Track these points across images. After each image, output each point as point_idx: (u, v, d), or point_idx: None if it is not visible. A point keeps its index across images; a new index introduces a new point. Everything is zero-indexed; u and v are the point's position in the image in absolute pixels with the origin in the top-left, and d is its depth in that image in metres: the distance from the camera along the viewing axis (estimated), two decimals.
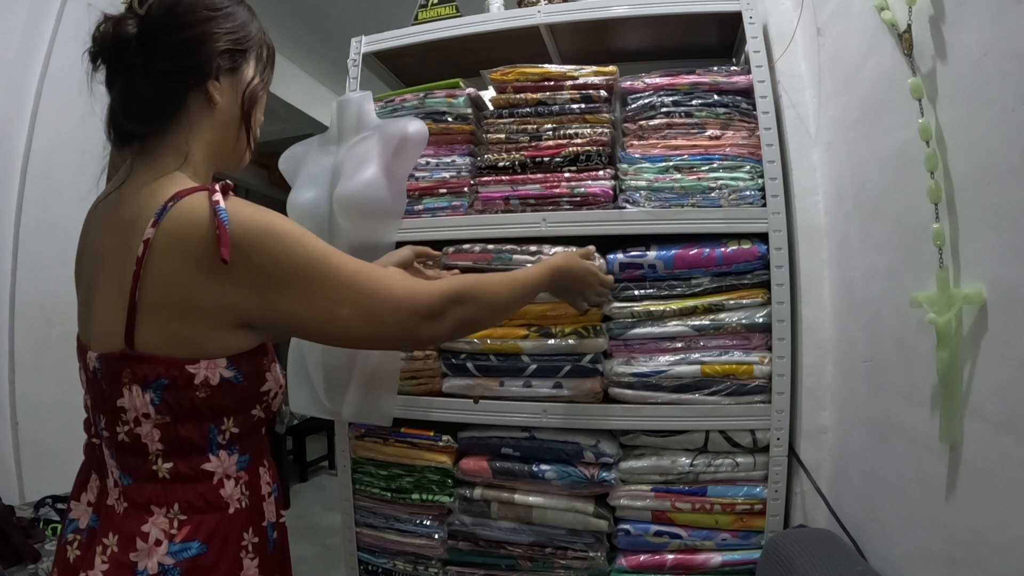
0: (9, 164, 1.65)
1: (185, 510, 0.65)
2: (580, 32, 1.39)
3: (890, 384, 0.90)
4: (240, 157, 0.79)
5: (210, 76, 0.70)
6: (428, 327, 0.74)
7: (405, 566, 1.35)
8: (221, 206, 0.62)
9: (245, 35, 0.74)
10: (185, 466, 0.66)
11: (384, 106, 1.38)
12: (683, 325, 1.18)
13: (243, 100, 0.75)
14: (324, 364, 1.26)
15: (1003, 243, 0.63)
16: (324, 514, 3.43)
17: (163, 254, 0.63)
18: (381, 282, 0.71)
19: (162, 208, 0.63)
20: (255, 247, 0.63)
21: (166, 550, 0.63)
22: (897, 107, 0.85)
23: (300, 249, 0.66)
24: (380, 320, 0.71)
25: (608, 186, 1.23)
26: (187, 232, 0.62)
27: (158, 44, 0.67)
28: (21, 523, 1.34)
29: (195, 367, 0.64)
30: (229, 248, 0.61)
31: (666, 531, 1.19)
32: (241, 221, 0.63)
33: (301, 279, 0.66)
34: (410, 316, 0.72)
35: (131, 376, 0.64)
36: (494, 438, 1.27)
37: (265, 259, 0.64)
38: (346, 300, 0.68)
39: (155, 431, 0.65)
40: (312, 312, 0.68)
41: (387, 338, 0.76)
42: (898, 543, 0.87)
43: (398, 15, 1.62)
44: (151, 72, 0.67)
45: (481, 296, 0.81)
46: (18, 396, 1.62)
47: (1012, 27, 0.61)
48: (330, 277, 0.68)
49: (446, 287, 0.76)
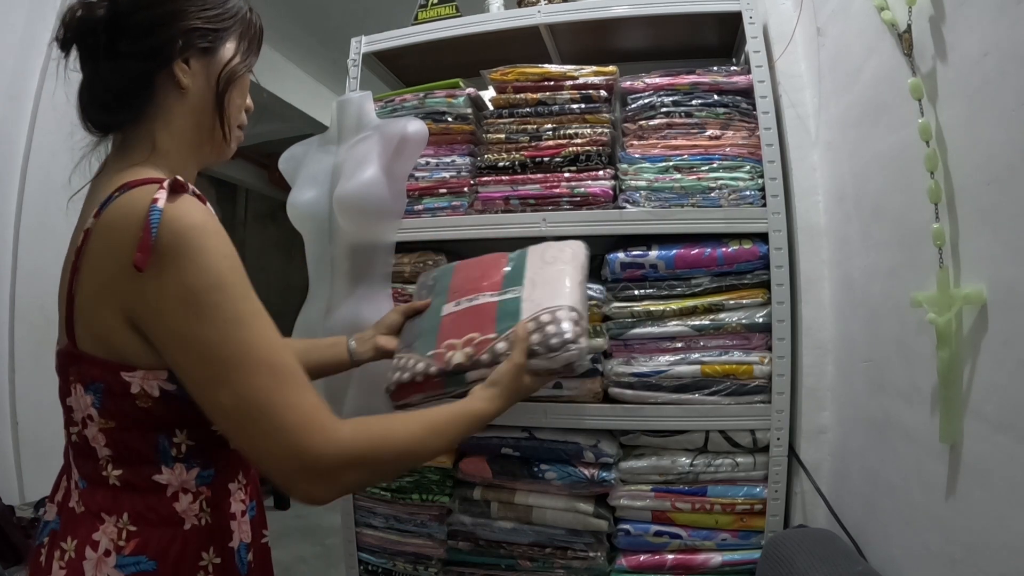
0: (9, 164, 1.65)
1: (135, 521, 0.60)
2: (580, 32, 1.39)
3: (890, 384, 0.90)
4: (219, 148, 0.72)
5: (176, 57, 0.64)
6: (307, 485, 0.58)
7: (405, 566, 1.35)
8: (157, 206, 0.55)
9: (221, 12, 0.68)
10: (134, 475, 0.61)
11: (384, 106, 1.38)
12: (683, 325, 1.18)
13: (217, 82, 0.68)
14: None
15: (1003, 243, 0.63)
16: (324, 514, 3.43)
17: (96, 247, 0.58)
18: (283, 397, 0.56)
19: (108, 198, 0.59)
20: (172, 261, 0.55)
21: (115, 562, 0.59)
22: (897, 107, 0.85)
23: (217, 296, 0.56)
24: (251, 440, 0.57)
25: (608, 186, 1.23)
26: (118, 227, 0.57)
27: (124, 24, 0.62)
28: (21, 523, 1.34)
29: (130, 375, 0.59)
30: (147, 255, 0.54)
31: (666, 531, 1.19)
32: (174, 229, 0.55)
33: (195, 332, 0.55)
34: (289, 459, 0.56)
35: (75, 374, 0.61)
36: (494, 438, 1.27)
37: (175, 281, 0.55)
38: (229, 386, 0.55)
39: (100, 435, 0.61)
40: (192, 373, 0.57)
41: (256, 462, 0.62)
42: (898, 543, 0.87)
43: (398, 15, 1.62)
44: (114, 53, 0.63)
45: (390, 457, 0.65)
46: (18, 396, 1.62)
47: (1012, 27, 0.61)
48: (228, 347, 0.55)
49: (348, 443, 0.59)
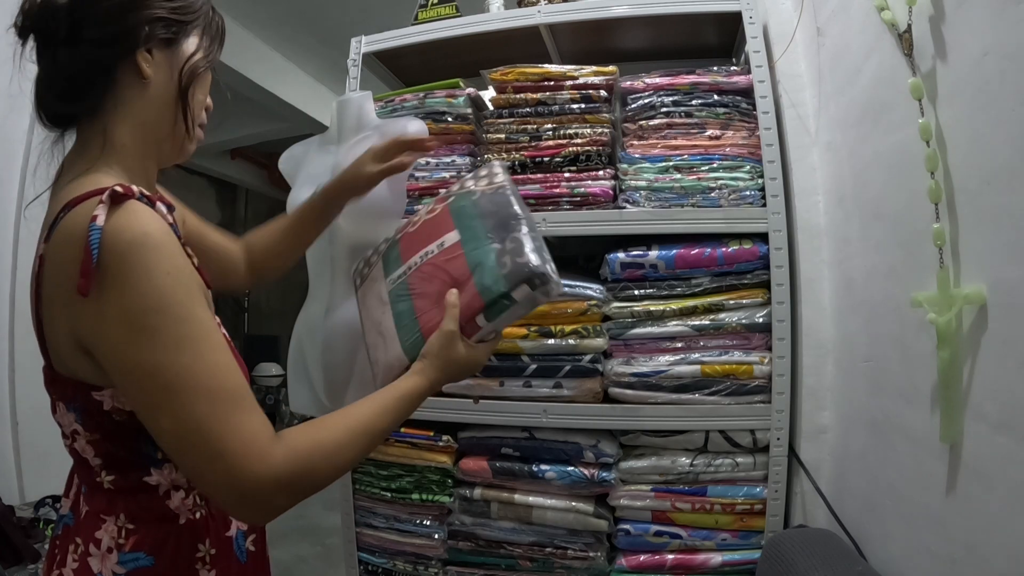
0: (9, 164, 1.65)
1: (132, 519, 0.63)
2: (580, 32, 1.39)
3: (890, 384, 0.90)
4: (180, 145, 0.70)
5: (139, 45, 0.62)
6: (245, 511, 0.59)
7: (405, 566, 1.35)
8: (97, 223, 0.52)
9: (186, 5, 0.67)
10: (125, 480, 0.63)
11: (384, 106, 1.38)
12: (683, 325, 1.18)
13: (180, 76, 0.66)
14: (324, 363, 1.26)
15: (1003, 243, 0.63)
16: (324, 514, 3.42)
17: (48, 274, 0.58)
18: (222, 424, 0.55)
19: (55, 219, 0.57)
20: (112, 285, 0.53)
21: (116, 559, 0.61)
22: (897, 107, 0.85)
23: (157, 320, 0.54)
24: (191, 465, 0.56)
25: (608, 186, 1.23)
26: (63, 253, 0.56)
27: (88, 9, 0.61)
28: (21, 523, 1.34)
29: (100, 395, 0.59)
30: (89, 281, 0.52)
31: (666, 531, 1.19)
32: (113, 249, 0.53)
33: (134, 357, 0.54)
34: (227, 486, 0.56)
35: (56, 394, 0.62)
36: (494, 438, 1.27)
37: (115, 305, 0.54)
38: (169, 412, 0.55)
39: (88, 446, 0.62)
40: (133, 397, 0.57)
41: (198, 486, 0.64)
42: (898, 543, 0.87)
43: (398, 15, 1.62)
44: (76, 39, 0.61)
45: (324, 470, 0.62)
46: (18, 396, 1.62)
47: (1012, 27, 0.61)
48: (167, 373, 0.54)
49: (280, 468, 0.56)
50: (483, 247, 0.82)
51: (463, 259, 0.82)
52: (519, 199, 0.87)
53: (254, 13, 3.09)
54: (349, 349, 1.22)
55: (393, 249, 0.94)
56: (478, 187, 0.90)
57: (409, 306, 0.86)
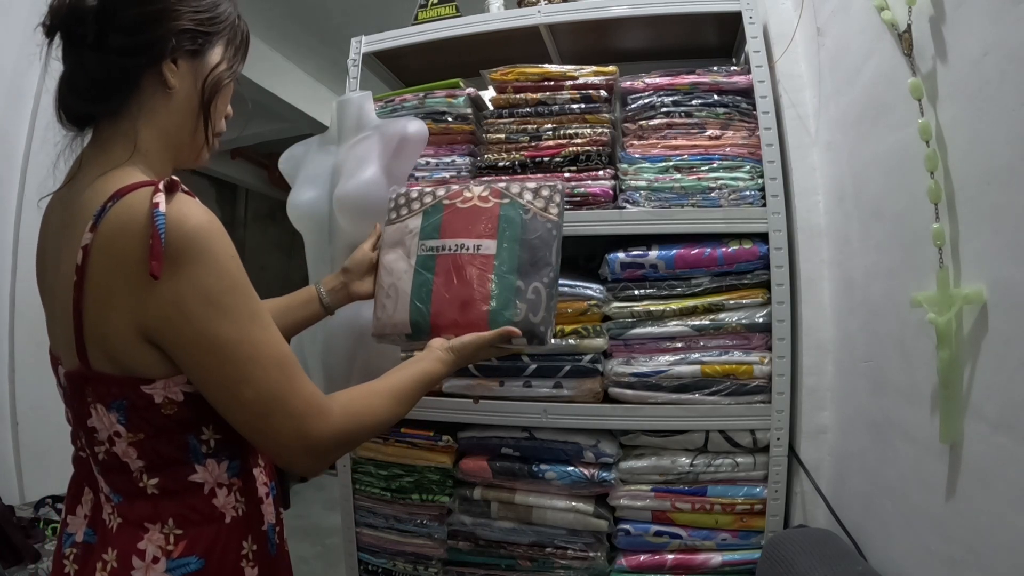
0: (9, 164, 1.65)
1: (180, 524, 0.62)
2: (580, 32, 1.39)
3: (890, 384, 0.90)
4: (198, 151, 0.72)
5: (165, 56, 0.64)
6: (308, 462, 0.65)
7: (405, 566, 1.35)
8: (160, 210, 0.55)
9: (213, 16, 0.68)
10: (171, 480, 0.63)
11: (384, 106, 1.38)
12: (683, 325, 1.18)
13: (204, 87, 0.68)
14: (324, 362, 1.26)
15: (1003, 243, 0.63)
16: (324, 514, 3.43)
17: (100, 263, 0.57)
18: (290, 388, 0.62)
19: (101, 209, 0.58)
20: (185, 266, 0.57)
21: (164, 567, 0.61)
22: (897, 107, 0.85)
23: (233, 298, 0.59)
24: (266, 429, 0.62)
25: (608, 186, 1.23)
26: (121, 238, 0.56)
27: (115, 17, 0.61)
28: (21, 523, 1.33)
29: (151, 388, 0.60)
30: (162, 263, 0.55)
31: (666, 531, 1.20)
32: (182, 233, 0.56)
33: (217, 333, 0.58)
34: (296, 442, 0.62)
35: (93, 395, 0.61)
36: (494, 438, 1.27)
37: (193, 285, 0.57)
38: (250, 382, 0.60)
39: (131, 449, 0.62)
40: (214, 373, 0.60)
41: (266, 448, 0.67)
42: (898, 543, 0.87)
43: (398, 15, 1.62)
44: (103, 45, 0.61)
45: (370, 429, 0.71)
46: (18, 396, 1.61)
47: (1012, 27, 0.61)
48: (246, 346, 0.59)
49: (340, 425, 0.65)
50: (509, 279, 0.89)
51: (489, 279, 0.90)
52: (559, 243, 0.93)
53: (254, 13, 3.08)
54: (349, 349, 1.22)
55: (436, 213, 0.97)
56: (534, 205, 0.94)
57: (429, 283, 0.92)
